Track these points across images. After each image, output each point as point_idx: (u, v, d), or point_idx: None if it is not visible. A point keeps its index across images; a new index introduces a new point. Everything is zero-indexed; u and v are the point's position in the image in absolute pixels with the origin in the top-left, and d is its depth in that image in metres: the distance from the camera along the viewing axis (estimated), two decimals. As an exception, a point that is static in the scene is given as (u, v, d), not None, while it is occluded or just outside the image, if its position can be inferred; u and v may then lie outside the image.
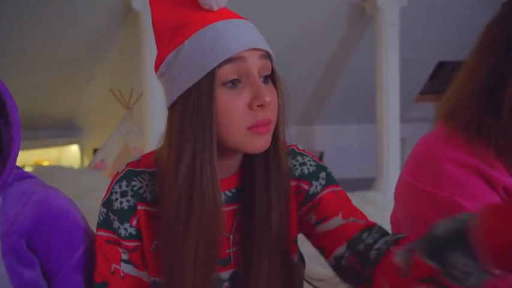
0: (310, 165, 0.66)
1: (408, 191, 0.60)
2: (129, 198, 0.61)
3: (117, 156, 4.16)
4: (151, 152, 0.65)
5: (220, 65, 0.52)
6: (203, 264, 0.56)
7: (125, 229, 0.61)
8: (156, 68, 0.59)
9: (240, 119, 0.54)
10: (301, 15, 3.75)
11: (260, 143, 0.55)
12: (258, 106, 0.53)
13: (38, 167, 3.80)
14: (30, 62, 3.55)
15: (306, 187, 0.64)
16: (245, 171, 0.62)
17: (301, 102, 4.90)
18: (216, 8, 0.55)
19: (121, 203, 0.61)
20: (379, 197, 2.71)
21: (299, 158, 0.67)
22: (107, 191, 0.63)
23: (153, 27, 0.59)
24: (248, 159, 0.61)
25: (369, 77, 3.83)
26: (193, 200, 0.54)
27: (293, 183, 0.64)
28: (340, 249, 0.57)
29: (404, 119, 4.08)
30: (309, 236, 0.63)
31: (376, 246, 0.52)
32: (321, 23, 3.84)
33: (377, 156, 3.73)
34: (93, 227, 0.66)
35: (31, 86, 3.84)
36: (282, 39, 3.92)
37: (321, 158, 4.78)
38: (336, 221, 0.59)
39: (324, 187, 0.64)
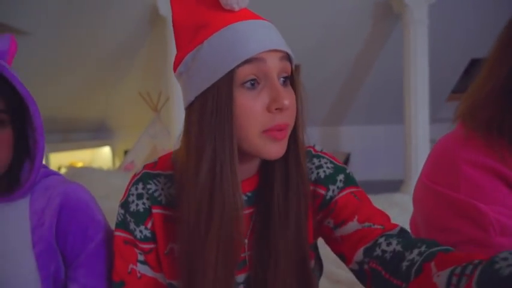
0: (327, 167, 0.63)
1: (425, 192, 0.59)
2: (144, 201, 0.61)
3: (146, 157, 4.28)
4: (168, 154, 0.65)
5: (239, 66, 0.51)
6: (223, 267, 0.55)
7: (140, 231, 0.61)
8: (175, 68, 0.58)
9: (257, 121, 0.52)
10: (326, 14, 3.71)
11: (275, 150, 0.54)
12: (276, 109, 0.52)
13: (71, 168, 3.99)
14: (65, 70, 3.73)
15: (322, 192, 0.62)
16: (263, 174, 0.61)
17: (327, 103, 4.84)
18: (237, 9, 0.54)
19: (137, 205, 0.61)
20: (406, 199, 2.62)
21: (315, 160, 0.64)
22: (125, 192, 0.63)
23: (173, 28, 0.58)
24: (267, 162, 0.59)
25: (397, 76, 3.74)
26: (214, 202, 0.53)
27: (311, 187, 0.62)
28: (358, 255, 0.54)
29: (435, 119, 3.95)
30: (329, 241, 0.62)
31: (409, 256, 0.48)
32: (346, 22, 3.79)
33: (405, 157, 3.63)
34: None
35: (66, 92, 4.03)
36: (307, 39, 3.90)
37: (347, 159, 4.71)
38: (352, 226, 0.56)
39: (341, 189, 0.61)
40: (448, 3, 3.52)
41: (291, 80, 0.57)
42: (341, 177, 0.63)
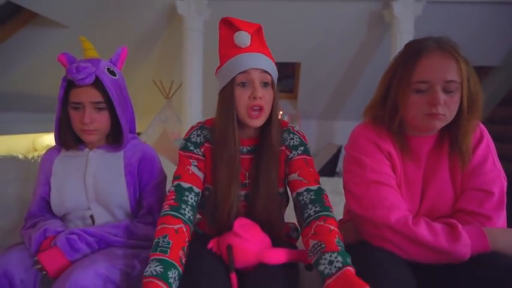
0: (296, 141, 1.11)
1: (345, 156, 1.07)
2: (201, 138, 1.10)
3: (156, 139, 4.69)
4: (211, 118, 1.12)
5: (237, 75, 0.99)
6: (230, 179, 1.04)
7: (197, 152, 1.09)
8: (216, 72, 1.07)
9: (244, 103, 1.00)
10: (326, 19, 4.07)
11: (253, 123, 1.01)
12: (253, 97, 0.99)
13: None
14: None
15: (289, 153, 1.10)
16: (260, 137, 1.09)
17: (324, 98, 5.25)
18: (243, 46, 1.01)
19: (196, 139, 1.10)
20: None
21: (292, 135, 1.12)
22: (187, 134, 1.12)
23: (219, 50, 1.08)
24: (262, 129, 1.07)
25: (386, 79, 4.14)
26: (225, 145, 1.02)
27: (284, 148, 1.10)
28: (294, 195, 1.03)
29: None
30: (287, 182, 1.11)
31: (309, 210, 0.97)
32: (343, 28, 4.16)
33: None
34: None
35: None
36: (308, 41, 4.30)
37: (339, 151, 5.16)
38: (294, 176, 1.05)
39: (298, 155, 1.10)
40: (433, 16, 3.91)
41: (272, 84, 1.04)
42: (301, 148, 1.11)
